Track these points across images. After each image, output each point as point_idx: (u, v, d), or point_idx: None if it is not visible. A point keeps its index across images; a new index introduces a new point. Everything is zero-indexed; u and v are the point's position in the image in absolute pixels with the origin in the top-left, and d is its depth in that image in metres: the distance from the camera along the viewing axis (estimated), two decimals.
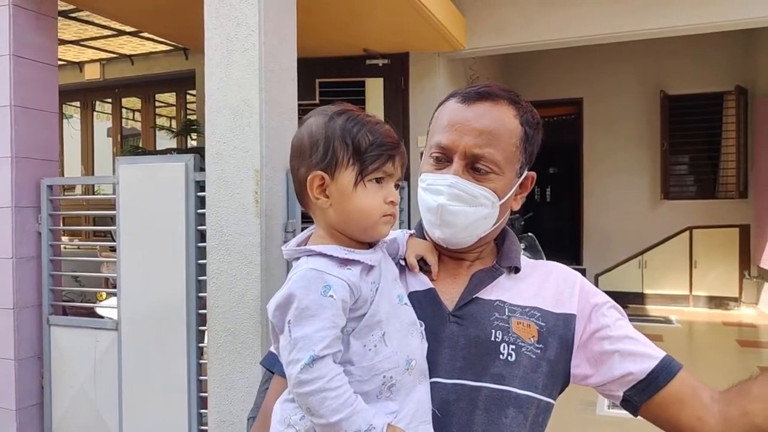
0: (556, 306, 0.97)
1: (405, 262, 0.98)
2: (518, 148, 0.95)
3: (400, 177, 0.88)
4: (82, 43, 6.39)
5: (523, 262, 1.02)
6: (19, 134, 2.75)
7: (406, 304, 0.89)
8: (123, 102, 7.59)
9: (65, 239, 4.61)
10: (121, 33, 6.01)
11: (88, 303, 3.37)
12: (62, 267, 2.94)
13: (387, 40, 4.61)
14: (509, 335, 0.91)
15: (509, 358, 0.90)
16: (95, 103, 7.70)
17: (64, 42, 6.13)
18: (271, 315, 0.83)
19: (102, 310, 3.07)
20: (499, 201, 0.95)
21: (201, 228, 2.39)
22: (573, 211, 7.38)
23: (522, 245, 4.90)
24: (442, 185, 0.94)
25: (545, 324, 0.94)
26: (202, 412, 2.46)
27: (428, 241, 1.01)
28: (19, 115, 2.76)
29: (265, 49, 2.19)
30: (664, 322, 6.07)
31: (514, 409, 0.88)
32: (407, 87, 4.94)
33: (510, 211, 1.02)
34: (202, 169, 2.35)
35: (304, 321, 0.78)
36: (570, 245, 7.24)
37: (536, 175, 1.02)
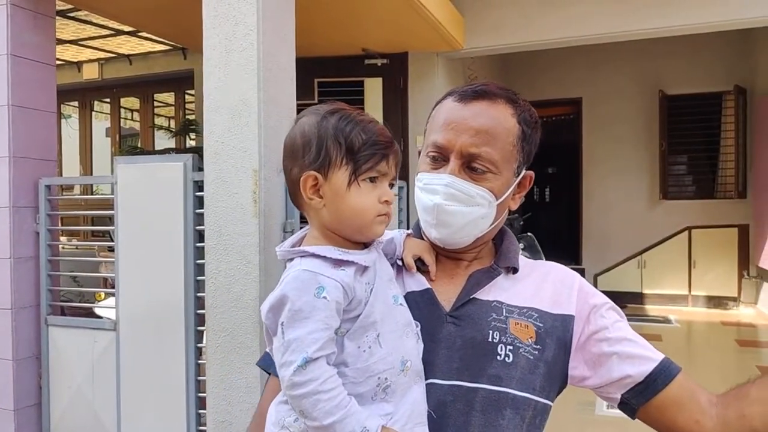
0: (554, 307, 0.96)
1: (402, 263, 0.98)
2: (515, 147, 0.94)
3: (395, 176, 0.87)
4: (80, 42, 6.38)
5: (522, 263, 1.01)
6: (16, 134, 2.74)
7: (402, 305, 0.88)
8: (121, 102, 7.57)
9: (64, 239, 4.61)
10: (120, 33, 6.00)
11: (87, 303, 3.36)
12: (60, 267, 2.94)
13: (386, 40, 4.60)
14: (507, 336, 0.91)
15: (506, 359, 0.89)
16: (93, 103, 7.69)
17: (62, 42, 6.12)
18: (264, 317, 0.82)
19: (101, 311, 3.07)
20: (496, 201, 0.94)
21: (199, 228, 2.39)
22: (572, 211, 7.38)
23: (521, 245, 4.90)
24: (438, 185, 0.93)
25: (543, 325, 0.93)
26: (201, 412, 2.46)
27: (426, 241, 1.00)
28: (17, 115, 2.75)
29: (264, 49, 2.19)
30: (663, 321, 6.07)
31: (511, 411, 0.87)
32: (406, 87, 4.94)
33: (508, 210, 1.01)
34: (201, 169, 2.34)
35: (297, 323, 0.77)
36: (569, 245, 7.24)
37: (535, 175, 1.01)
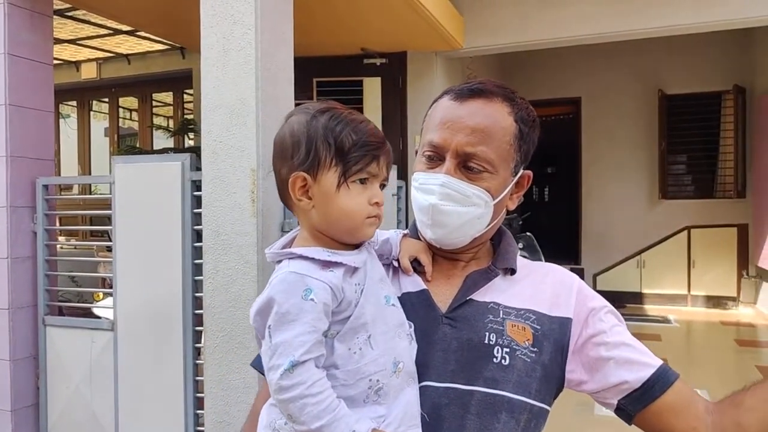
0: (552, 309, 0.95)
1: (398, 263, 0.97)
2: (512, 146, 0.93)
3: (386, 177, 0.86)
4: (78, 42, 6.37)
5: (520, 264, 1.00)
6: (13, 133, 2.74)
7: (394, 305, 0.87)
8: (120, 101, 7.57)
9: (62, 239, 4.60)
10: (118, 32, 5.99)
11: (85, 303, 3.36)
12: (58, 267, 2.93)
13: (384, 40, 4.60)
14: (503, 338, 0.90)
15: (503, 361, 0.88)
16: (92, 103, 7.69)
17: (60, 41, 6.11)
18: (252, 320, 0.81)
19: (100, 310, 3.06)
20: (493, 201, 0.93)
21: (197, 227, 2.38)
22: (571, 210, 7.37)
23: (520, 245, 4.90)
24: (434, 184, 0.92)
25: (540, 327, 0.92)
26: (199, 412, 2.45)
27: (422, 242, 0.99)
28: (14, 115, 2.74)
29: (262, 48, 2.18)
30: (663, 321, 6.06)
31: (507, 414, 0.86)
32: (405, 86, 4.93)
33: (506, 210, 1.00)
34: (199, 169, 2.34)
35: (284, 326, 0.76)
36: (568, 245, 7.23)
37: (533, 174, 1.00)
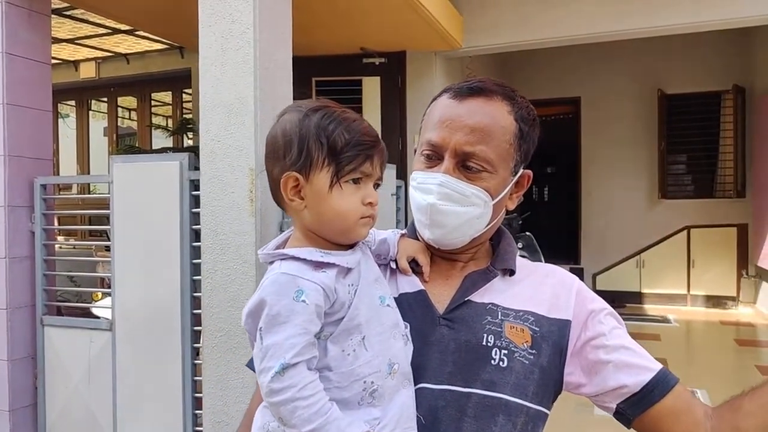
0: (551, 311, 0.93)
1: (396, 264, 0.96)
2: (512, 145, 0.92)
3: (380, 176, 0.85)
4: (76, 41, 6.37)
5: (519, 265, 0.98)
6: (11, 133, 2.73)
7: (389, 306, 0.85)
8: (119, 101, 7.57)
9: (61, 239, 4.59)
10: (116, 31, 5.99)
11: (84, 303, 3.35)
12: (56, 267, 2.92)
13: (384, 39, 4.59)
14: (501, 340, 0.88)
15: (501, 363, 0.87)
16: (91, 102, 7.68)
17: (58, 40, 6.10)
18: (244, 322, 0.80)
19: (98, 310, 3.05)
20: (492, 200, 0.92)
21: (195, 227, 2.37)
22: (571, 210, 7.37)
23: (519, 245, 4.89)
24: (432, 184, 0.91)
25: (539, 329, 0.91)
26: (197, 412, 2.44)
27: (420, 242, 0.98)
28: (12, 114, 2.73)
29: (260, 47, 2.17)
30: (662, 321, 6.06)
31: (504, 417, 0.85)
32: (404, 86, 4.93)
33: (506, 210, 0.99)
34: (197, 168, 2.33)
35: (275, 328, 0.75)
36: (568, 245, 7.24)
37: (533, 174, 0.99)
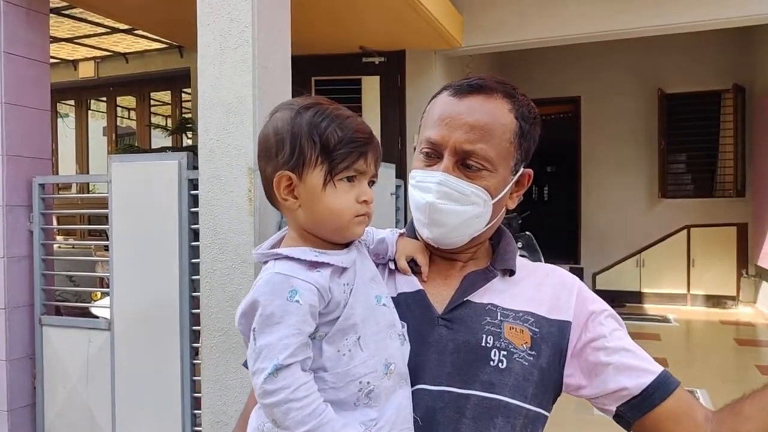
0: (551, 312, 0.92)
1: (395, 264, 0.95)
2: (513, 143, 0.91)
3: (374, 173, 0.84)
4: (75, 40, 6.36)
5: (519, 265, 0.97)
6: (9, 132, 2.72)
7: (385, 305, 0.84)
8: (118, 100, 7.56)
9: (60, 238, 4.58)
10: (115, 30, 5.98)
11: (83, 303, 3.34)
12: (55, 266, 2.91)
13: (383, 38, 4.58)
14: (501, 341, 0.87)
15: (500, 364, 0.86)
16: (90, 102, 7.67)
17: (57, 40, 6.09)
18: (238, 323, 0.79)
19: (97, 310, 3.05)
20: (492, 199, 0.91)
21: (194, 226, 2.36)
22: (570, 209, 7.36)
23: (519, 244, 4.89)
24: (431, 182, 0.89)
25: (539, 330, 0.90)
26: (196, 412, 2.44)
27: (419, 241, 0.97)
28: (10, 113, 2.73)
29: (259, 46, 2.16)
30: (662, 321, 6.06)
31: (503, 419, 0.84)
32: (404, 85, 4.92)
33: (506, 209, 0.98)
34: (196, 168, 2.32)
35: (268, 328, 0.74)
36: (568, 244, 7.23)
37: (534, 173, 0.97)
